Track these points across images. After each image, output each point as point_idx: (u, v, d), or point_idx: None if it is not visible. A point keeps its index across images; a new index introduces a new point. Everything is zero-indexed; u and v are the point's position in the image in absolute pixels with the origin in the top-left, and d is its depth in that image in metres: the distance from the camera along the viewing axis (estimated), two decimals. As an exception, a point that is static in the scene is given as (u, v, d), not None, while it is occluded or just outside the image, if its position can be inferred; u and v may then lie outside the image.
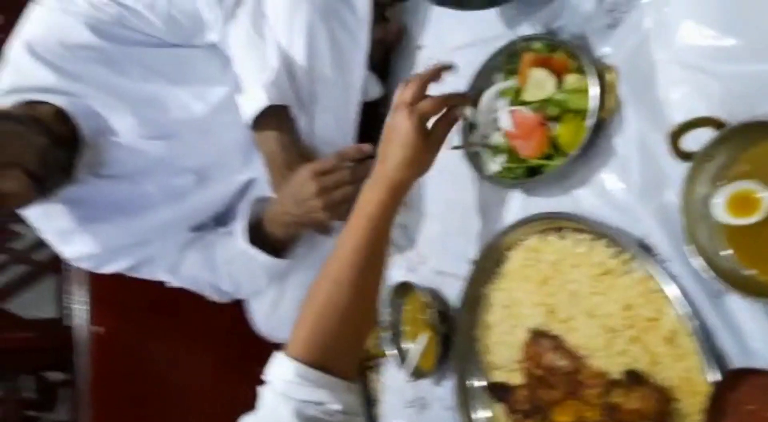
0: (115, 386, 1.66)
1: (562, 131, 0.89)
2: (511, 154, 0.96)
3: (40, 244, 1.79)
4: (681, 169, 0.73)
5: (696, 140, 0.72)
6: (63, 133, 1.04)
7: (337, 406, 0.78)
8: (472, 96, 1.02)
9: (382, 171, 0.89)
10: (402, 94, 0.90)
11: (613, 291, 0.81)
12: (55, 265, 1.82)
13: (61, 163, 1.01)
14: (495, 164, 0.99)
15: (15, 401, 1.69)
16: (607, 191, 0.86)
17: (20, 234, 1.83)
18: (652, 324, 0.77)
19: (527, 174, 0.95)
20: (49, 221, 1.16)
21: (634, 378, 0.77)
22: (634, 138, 0.82)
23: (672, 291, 0.74)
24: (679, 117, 0.75)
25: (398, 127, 0.89)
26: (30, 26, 1.09)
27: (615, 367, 0.80)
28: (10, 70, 1.08)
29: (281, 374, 0.80)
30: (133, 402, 1.65)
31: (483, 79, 1.03)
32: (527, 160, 0.93)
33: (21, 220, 1.20)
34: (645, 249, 0.79)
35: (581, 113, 0.87)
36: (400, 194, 0.89)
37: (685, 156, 0.72)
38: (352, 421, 0.81)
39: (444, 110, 0.92)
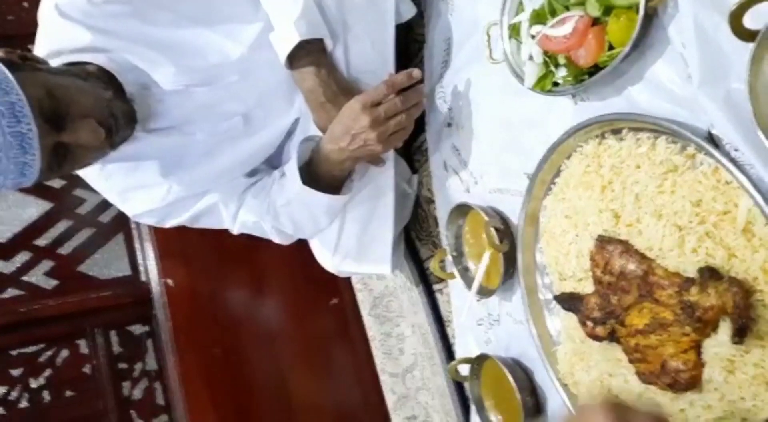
0: (193, 332, 1.74)
1: (613, 28, 0.84)
2: (569, 66, 0.91)
3: (105, 206, 1.87)
4: (745, 50, 0.68)
5: (760, 17, 0.66)
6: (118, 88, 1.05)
7: None
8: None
9: None
10: None
11: (680, 188, 0.78)
12: (122, 224, 1.88)
13: (125, 113, 1.03)
14: (557, 78, 0.93)
15: (106, 357, 1.80)
16: (664, 85, 0.81)
17: (84, 200, 1.89)
18: (726, 216, 0.74)
19: (578, 80, 0.90)
20: (108, 181, 1.19)
21: (710, 274, 0.75)
22: (691, 24, 0.77)
23: (745, 180, 0.71)
24: (739, -6, 0.70)
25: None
26: None
27: (689, 266, 0.78)
28: (44, 35, 1.09)
29: None
30: (212, 345, 1.73)
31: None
32: (585, 67, 0.89)
33: (83, 185, 1.23)
34: (711, 140, 0.75)
35: (632, 7, 0.81)
36: None
37: (749, 35, 0.67)
38: None
39: None
